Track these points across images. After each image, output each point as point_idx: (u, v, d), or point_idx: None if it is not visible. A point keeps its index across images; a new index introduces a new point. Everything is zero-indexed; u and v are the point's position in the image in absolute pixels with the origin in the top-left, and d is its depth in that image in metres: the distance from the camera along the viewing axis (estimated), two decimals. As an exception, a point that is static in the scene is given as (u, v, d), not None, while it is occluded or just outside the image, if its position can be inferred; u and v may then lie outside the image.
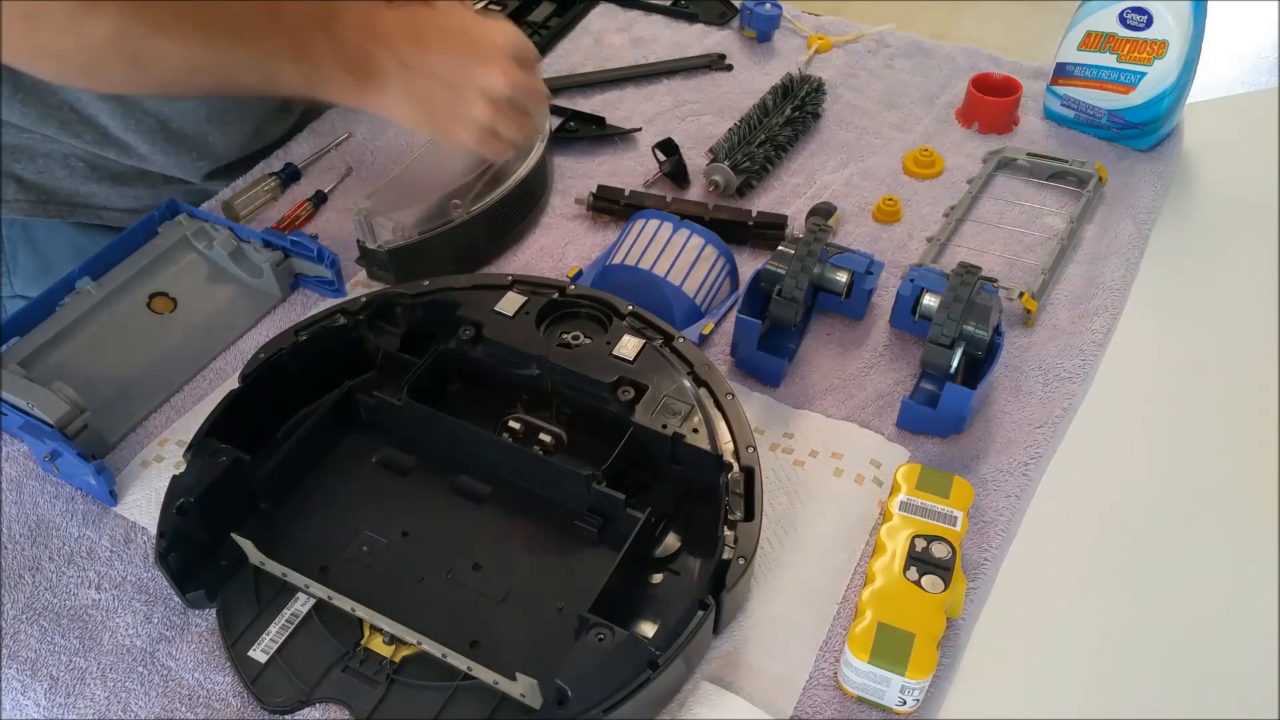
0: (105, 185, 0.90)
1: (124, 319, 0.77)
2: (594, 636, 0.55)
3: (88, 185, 0.90)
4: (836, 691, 0.59)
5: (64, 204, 0.90)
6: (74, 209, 0.90)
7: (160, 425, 0.74)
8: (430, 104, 0.71)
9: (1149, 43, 0.90)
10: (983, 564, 0.65)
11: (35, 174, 0.88)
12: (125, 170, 0.90)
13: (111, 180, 0.90)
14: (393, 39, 0.69)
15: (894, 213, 0.89)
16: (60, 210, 0.90)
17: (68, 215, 0.90)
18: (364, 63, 0.69)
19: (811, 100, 0.99)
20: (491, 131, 0.73)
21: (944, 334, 0.70)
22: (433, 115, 0.72)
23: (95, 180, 0.90)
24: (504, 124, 0.73)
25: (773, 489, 0.68)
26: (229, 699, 0.59)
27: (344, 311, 0.72)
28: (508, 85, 0.70)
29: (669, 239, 0.79)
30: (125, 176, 0.91)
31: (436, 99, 0.70)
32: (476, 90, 0.70)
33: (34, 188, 0.88)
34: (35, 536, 0.67)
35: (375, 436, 0.70)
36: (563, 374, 0.69)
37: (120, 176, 0.91)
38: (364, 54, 0.69)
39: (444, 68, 0.69)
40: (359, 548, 0.64)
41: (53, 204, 0.90)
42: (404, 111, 0.72)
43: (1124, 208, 0.90)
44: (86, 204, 0.91)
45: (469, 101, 0.70)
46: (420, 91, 0.70)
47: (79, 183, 0.89)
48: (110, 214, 0.91)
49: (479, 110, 0.71)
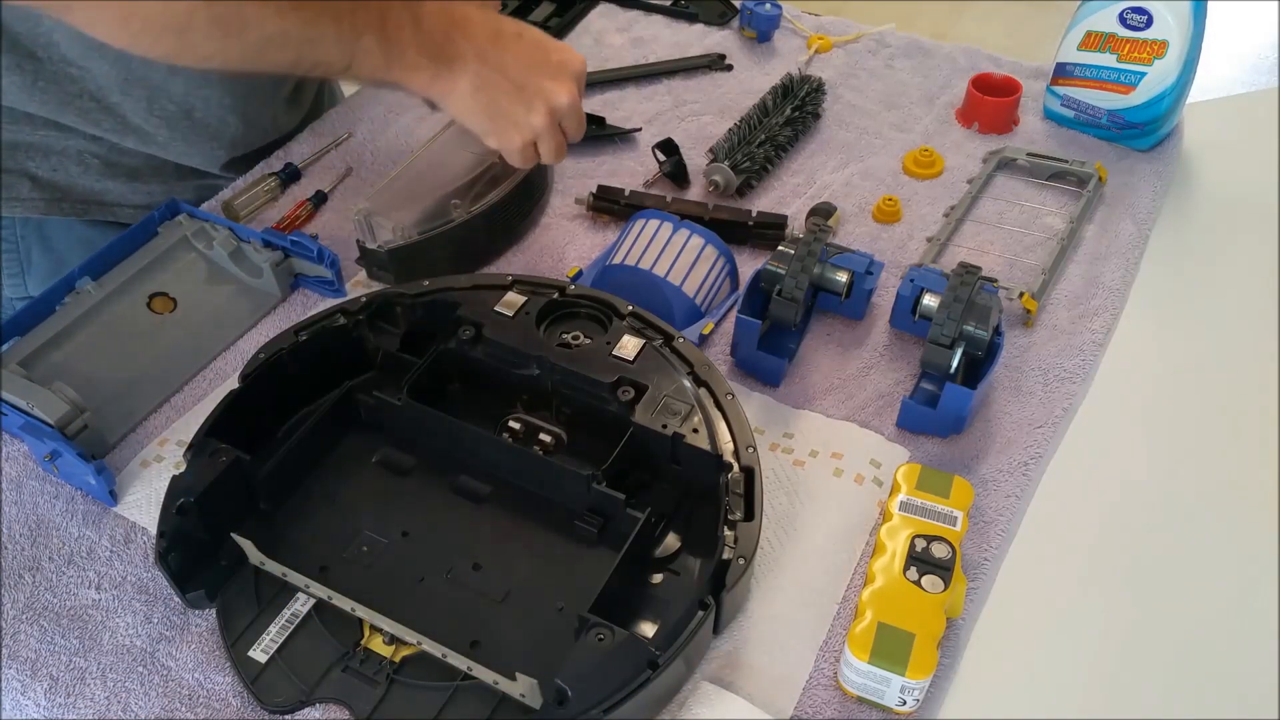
0: (120, 182, 0.90)
1: (124, 319, 0.77)
2: (594, 636, 0.55)
3: (102, 182, 0.90)
4: (836, 691, 0.59)
5: (78, 201, 0.90)
6: (88, 206, 0.90)
7: (160, 425, 0.74)
8: (495, 101, 0.73)
9: (1149, 43, 0.90)
10: (983, 564, 0.65)
11: (49, 172, 0.88)
12: (140, 166, 0.90)
13: (126, 176, 0.90)
14: (473, 32, 0.72)
15: (894, 213, 0.89)
16: (75, 208, 0.90)
17: (82, 213, 0.90)
18: (445, 49, 0.71)
19: (811, 100, 0.99)
20: (534, 143, 0.75)
21: (944, 334, 0.70)
22: (493, 113, 0.74)
23: (110, 177, 0.90)
24: (548, 138, 0.75)
25: (773, 489, 0.68)
26: (229, 699, 0.59)
27: (344, 311, 0.72)
28: (571, 102, 0.74)
29: (669, 239, 0.79)
30: (140, 172, 0.91)
31: (503, 97, 0.73)
32: (542, 98, 0.73)
33: (48, 186, 0.88)
34: (35, 536, 0.67)
35: (375, 436, 0.70)
36: (563, 374, 0.69)
37: (135, 172, 0.91)
38: (447, 40, 0.71)
39: (517, 70, 0.72)
40: (359, 548, 0.64)
41: (67, 202, 0.89)
42: (469, 104, 0.73)
43: (1124, 208, 0.90)
44: (101, 201, 0.91)
45: (532, 107, 0.73)
46: (490, 87, 0.72)
47: (93, 180, 0.89)
48: (125, 211, 0.91)
49: (538, 118, 0.74)
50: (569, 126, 0.77)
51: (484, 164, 0.85)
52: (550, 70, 0.73)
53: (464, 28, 0.72)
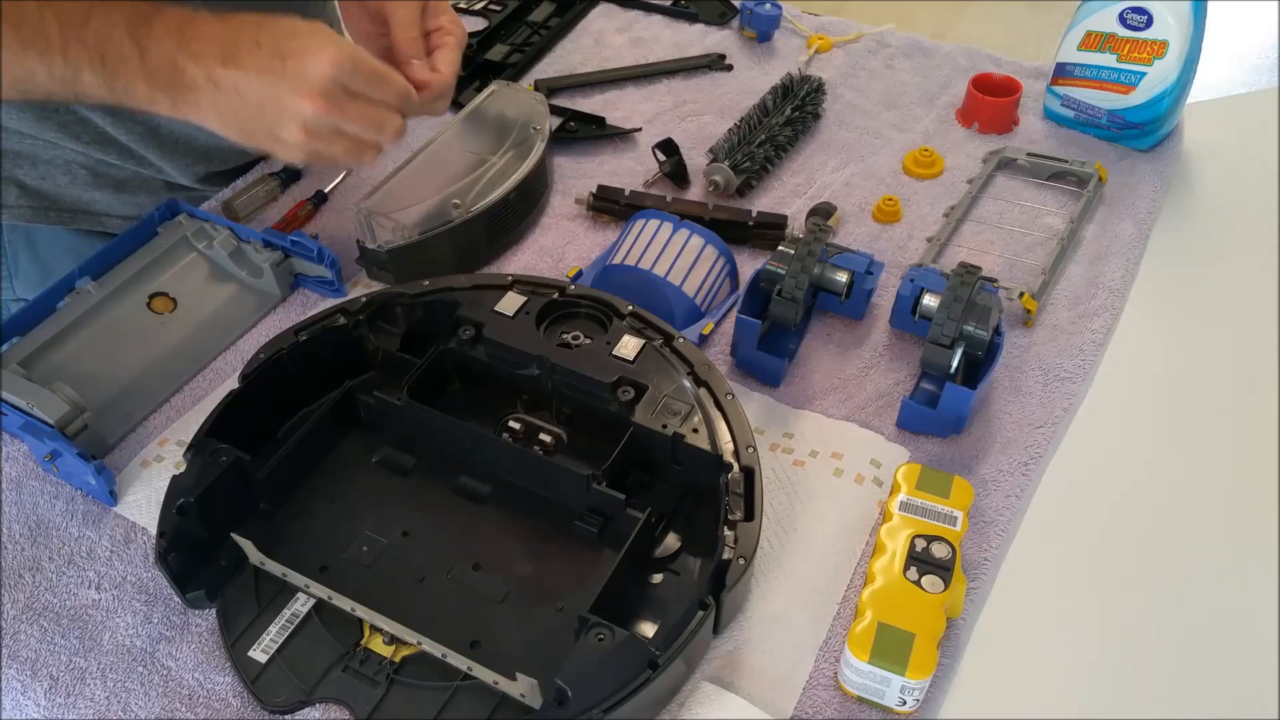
0: (107, 192, 0.90)
1: (124, 319, 0.77)
2: (594, 636, 0.55)
3: (90, 192, 0.90)
4: (836, 691, 0.59)
5: (66, 210, 0.90)
6: (76, 216, 0.90)
7: (160, 425, 0.74)
8: (242, 122, 0.67)
9: (1149, 43, 0.90)
10: (983, 564, 0.65)
11: (37, 180, 0.88)
12: (127, 177, 0.90)
13: (114, 187, 0.90)
14: (204, 54, 0.65)
15: (894, 213, 0.89)
16: (62, 217, 0.90)
17: (69, 222, 0.90)
18: (173, 78, 0.65)
19: (811, 100, 0.99)
20: (313, 152, 0.68)
21: (944, 334, 0.70)
22: (246, 133, 0.68)
23: (97, 187, 0.90)
24: (328, 147, 0.68)
25: (773, 489, 0.68)
26: (229, 699, 0.59)
27: (344, 311, 0.72)
28: (319, 112, 0.65)
29: (669, 239, 0.79)
30: (127, 184, 0.91)
31: (248, 119, 0.67)
32: (287, 116, 0.66)
33: (36, 194, 0.88)
34: (35, 536, 0.67)
35: (375, 436, 0.70)
36: (563, 374, 0.69)
37: (122, 184, 0.90)
38: (173, 68, 0.64)
39: (252, 88, 0.65)
40: (359, 548, 0.64)
41: (54, 210, 0.89)
42: (218, 126, 0.68)
43: (1124, 208, 0.90)
44: (88, 211, 0.91)
45: (280, 123, 0.66)
46: (230, 110, 0.66)
47: (81, 189, 0.89)
48: (112, 221, 0.91)
49: (289, 134, 0.66)
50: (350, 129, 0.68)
51: (484, 164, 0.85)
52: (288, 82, 0.65)
53: (193, 51, 0.64)
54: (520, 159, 0.88)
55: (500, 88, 0.94)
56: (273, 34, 0.65)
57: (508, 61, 1.08)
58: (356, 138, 0.68)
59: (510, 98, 0.94)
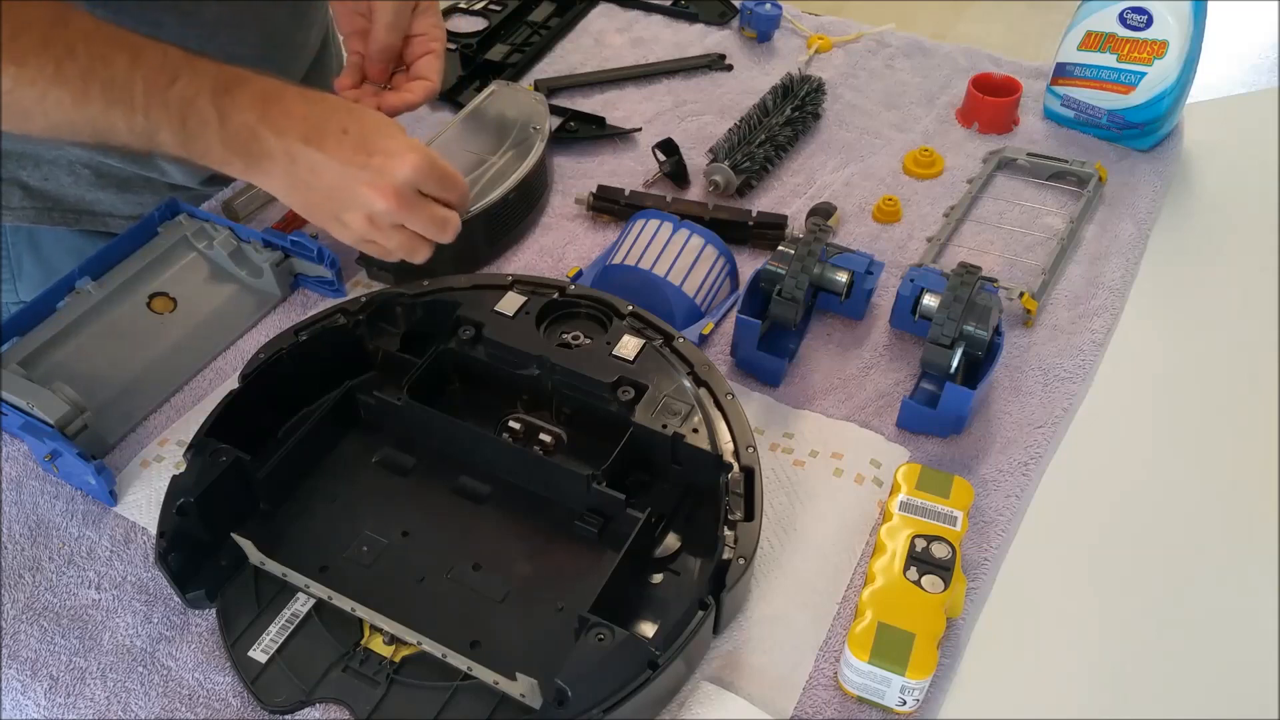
0: (110, 192, 0.90)
1: (124, 319, 0.77)
2: (594, 636, 0.55)
3: (93, 192, 0.90)
4: (836, 691, 0.59)
5: (69, 211, 0.90)
6: (79, 216, 0.90)
7: (160, 425, 0.74)
8: (310, 201, 0.69)
9: (1149, 43, 0.90)
10: (983, 564, 0.65)
11: (40, 180, 0.88)
12: (131, 177, 0.90)
13: (117, 188, 0.90)
14: (287, 130, 0.66)
15: (894, 213, 0.89)
16: (66, 217, 0.90)
17: (73, 223, 0.90)
18: (251, 146, 0.66)
19: (811, 100, 0.99)
20: (370, 240, 0.71)
21: (944, 334, 0.70)
22: (311, 210, 0.70)
23: (101, 187, 0.90)
24: (386, 239, 0.70)
25: (773, 489, 0.68)
26: (229, 699, 0.59)
27: (344, 311, 0.72)
28: (389, 210, 0.67)
29: (669, 239, 0.79)
30: (131, 183, 0.91)
31: (317, 198, 0.69)
32: (357, 206, 0.68)
33: (39, 194, 0.88)
34: (35, 536, 0.67)
35: (375, 436, 0.70)
36: (563, 374, 0.69)
37: (126, 183, 0.90)
38: (253, 137, 0.66)
39: (331, 173, 0.67)
40: (359, 548, 0.64)
41: (58, 211, 0.89)
42: (286, 197, 0.70)
43: (1124, 208, 0.90)
44: (92, 211, 0.91)
45: (348, 211, 0.68)
46: (302, 186, 0.68)
47: (84, 190, 0.89)
48: (116, 221, 0.91)
49: (355, 223, 0.69)
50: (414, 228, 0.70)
51: (484, 164, 0.85)
52: (369, 176, 0.66)
53: (277, 124, 0.66)
54: (520, 159, 0.88)
55: (500, 88, 0.95)
56: (361, 126, 0.68)
57: (508, 61, 1.08)
58: (415, 234, 0.70)
59: (510, 98, 0.94)
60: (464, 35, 1.10)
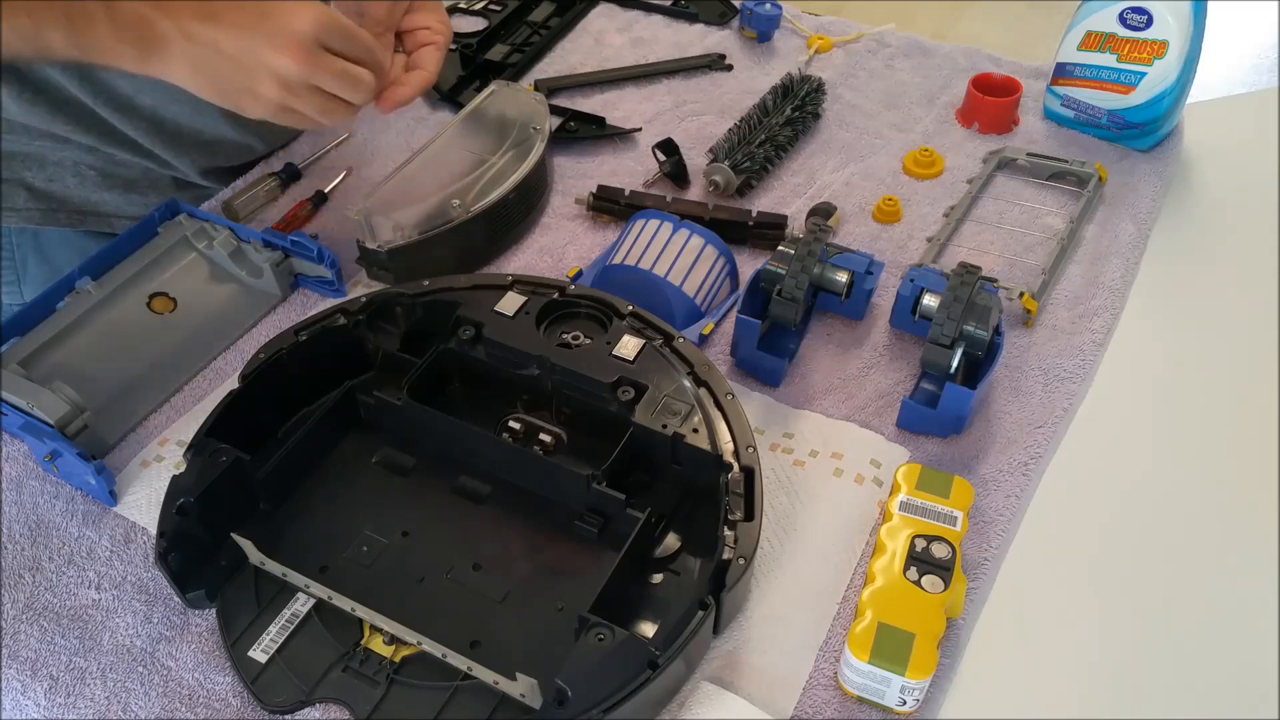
0: (116, 193, 0.90)
1: (124, 319, 0.77)
2: (594, 636, 0.55)
3: (98, 193, 0.90)
4: (836, 691, 0.59)
5: (75, 212, 0.90)
6: (84, 217, 0.90)
7: (160, 425, 0.74)
8: (217, 78, 0.68)
9: (1149, 43, 0.90)
10: (983, 564, 0.65)
11: (45, 182, 0.88)
12: (137, 177, 0.90)
13: (123, 188, 0.90)
14: (178, 10, 0.65)
15: (894, 213, 0.89)
16: (71, 219, 0.90)
17: (78, 224, 0.90)
18: (144, 32, 0.65)
19: (811, 100, 0.99)
20: (287, 109, 0.69)
21: (944, 334, 0.70)
22: (220, 89, 0.69)
23: (106, 188, 0.90)
24: (302, 104, 0.69)
25: (773, 489, 0.68)
26: (229, 699, 0.59)
27: (344, 311, 0.72)
28: (297, 67, 0.66)
29: (669, 239, 0.79)
30: (137, 183, 0.91)
31: (223, 73, 0.67)
32: (263, 70, 0.67)
33: (44, 196, 0.88)
34: (35, 536, 0.67)
35: (375, 436, 0.70)
36: (563, 374, 0.69)
37: (131, 183, 0.90)
38: (144, 23, 0.65)
39: (230, 43, 0.66)
40: (359, 548, 0.64)
41: (63, 212, 0.89)
42: (191, 83, 0.68)
43: (1124, 208, 0.90)
44: (97, 212, 0.90)
45: (257, 79, 0.67)
46: (205, 65, 0.67)
47: (90, 190, 0.89)
48: (121, 222, 0.91)
49: (266, 89, 0.67)
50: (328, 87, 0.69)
51: (484, 164, 0.85)
52: (267, 36, 0.66)
53: (167, 6, 0.65)
54: (520, 159, 0.88)
55: (500, 88, 0.94)
56: None
57: (508, 61, 1.08)
58: (330, 95, 0.69)
59: (510, 98, 0.94)
60: (464, 35, 1.10)
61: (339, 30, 0.68)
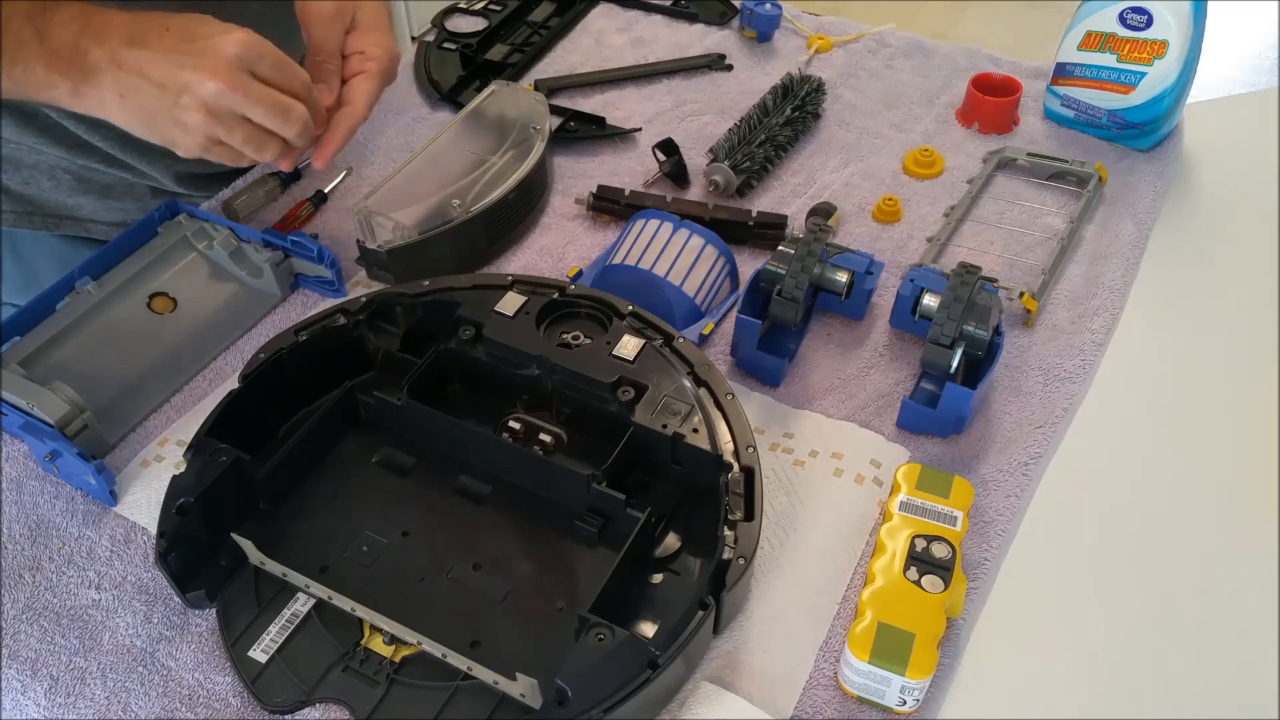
0: (92, 198, 0.90)
1: (124, 319, 0.77)
2: (594, 636, 0.55)
3: (74, 197, 0.89)
4: (836, 691, 0.59)
5: (50, 216, 0.89)
6: (60, 221, 0.90)
7: (160, 425, 0.74)
8: (143, 107, 0.66)
9: (1149, 43, 0.90)
10: (983, 564, 0.65)
11: (21, 185, 0.87)
12: (112, 182, 0.90)
13: (98, 193, 0.90)
14: (109, 37, 0.65)
15: (894, 213, 0.89)
16: (46, 222, 0.89)
17: (54, 227, 0.90)
18: (76, 62, 0.64)
19: (811, 100, 0.99)
20: (214, 140, 0.68)
21: (944, 334, 0.70)
22: (147, 119, 0.67)
23: (82, 192, 0.89)
24: (231, 135, 0.68)
25: (773, 489, 0.68)
26: (229, 699, 0.59)
27: (344, 311, 0.72)
28: (221, 91, 0.65)
29: (669, 239, 0.79)
30: (112, 189, 0.90)
31: (149, 101, 0.66)
32: (187, 94, 0.65)
33: (20, 198, 0.88)
34: (35, 536, 0.67)
35: (375, 436, 0.70)
36: (563, 374, 0.69)
37: (107, 189, 0.90)
38: (75, 51, 0.64)
39: (156, 69, 0.65)
40: (359, 548, 0.64)
41: (39, 215, 0.89)
42: (120, 115, 0.67)
43: (1124, 208, 0.90)
44: (73, 216, 0.90)
45: (182, 107, 0.66)
46: (134, 93, 0.66)
47: (65, 195, 0.89)
48: (97, 227, 0.91)
49: (192, 117, 0.66)
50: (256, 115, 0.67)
51: (484, 164, 0.85)
52: (194, 60, 0.64)
53: (98, 33, 0.65)
54: (520, 159, 0.88)
55: (500, 88, 0.95)
56: (184, 21, 0.66)
57: (508, 61, 1.08)
58: (259, 126, 0.68)
59: (510, 98, 0.94)
60: (464, 35, 1.10)
61: (269, 57, 0.67)
